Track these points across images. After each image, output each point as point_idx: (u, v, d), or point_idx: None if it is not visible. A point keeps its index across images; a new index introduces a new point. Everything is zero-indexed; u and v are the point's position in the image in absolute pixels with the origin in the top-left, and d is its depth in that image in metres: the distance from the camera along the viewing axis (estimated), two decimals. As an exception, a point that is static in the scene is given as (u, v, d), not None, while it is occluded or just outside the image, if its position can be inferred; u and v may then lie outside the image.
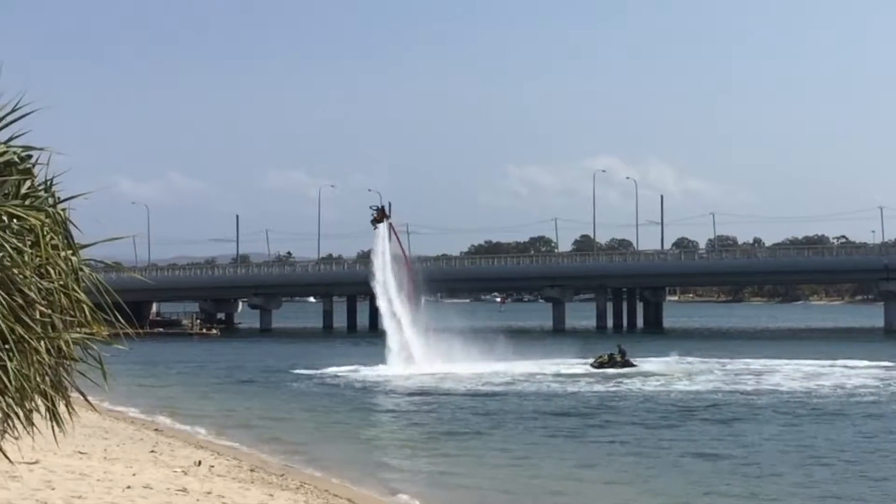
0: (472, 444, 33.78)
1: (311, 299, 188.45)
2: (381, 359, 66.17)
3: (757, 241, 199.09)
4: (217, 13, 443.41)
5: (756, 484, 26.45)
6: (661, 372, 59.35)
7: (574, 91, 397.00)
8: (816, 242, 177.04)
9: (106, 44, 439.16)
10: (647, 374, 58.19)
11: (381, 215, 56.43)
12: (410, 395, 50.33)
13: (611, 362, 61.85)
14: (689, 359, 67.67)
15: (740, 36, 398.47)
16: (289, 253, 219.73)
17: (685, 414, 41.50)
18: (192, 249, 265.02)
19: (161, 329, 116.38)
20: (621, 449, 32.78)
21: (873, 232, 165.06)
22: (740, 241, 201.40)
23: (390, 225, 58.59)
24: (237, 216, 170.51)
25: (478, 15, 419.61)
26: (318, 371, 61.95)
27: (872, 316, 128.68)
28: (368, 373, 59.75)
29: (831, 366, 62.37)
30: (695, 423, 38.96)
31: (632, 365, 61.69)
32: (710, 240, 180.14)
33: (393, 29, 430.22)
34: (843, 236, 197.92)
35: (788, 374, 58.18)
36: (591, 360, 63.04)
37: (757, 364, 63.53)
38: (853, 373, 58.45)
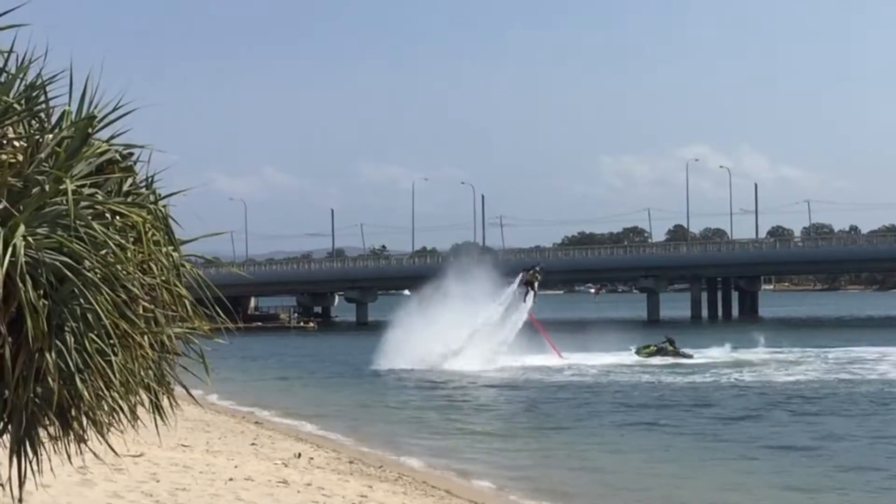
0: (564, 437, 33.70)
1: (406, 292, 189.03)
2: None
3: (853, 228, 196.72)
4: (314, 7, 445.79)
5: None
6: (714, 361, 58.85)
7: (666, 79, 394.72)
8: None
9: (201, 41, 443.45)
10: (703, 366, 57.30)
11: (532, 276, 56.27)
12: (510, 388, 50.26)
13: (661, 353, 61.20)
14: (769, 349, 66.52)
15: (835, 20, 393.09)
16: (383, 246, 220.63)
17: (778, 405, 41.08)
18: (289, 244, 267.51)
19: (259, 323, 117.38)
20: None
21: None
22: (836, 229, 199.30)
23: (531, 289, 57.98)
24: (332, 210, 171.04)
25: (566, 9, 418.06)
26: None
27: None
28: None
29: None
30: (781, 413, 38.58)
31: (686, 356, 60.81)
32: (805, 228, 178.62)
33: (488, 21, 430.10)
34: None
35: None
36: (636, 349, 62.05)
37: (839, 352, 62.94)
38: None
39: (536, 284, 54.52)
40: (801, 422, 36.02)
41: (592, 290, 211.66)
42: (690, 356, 61.07)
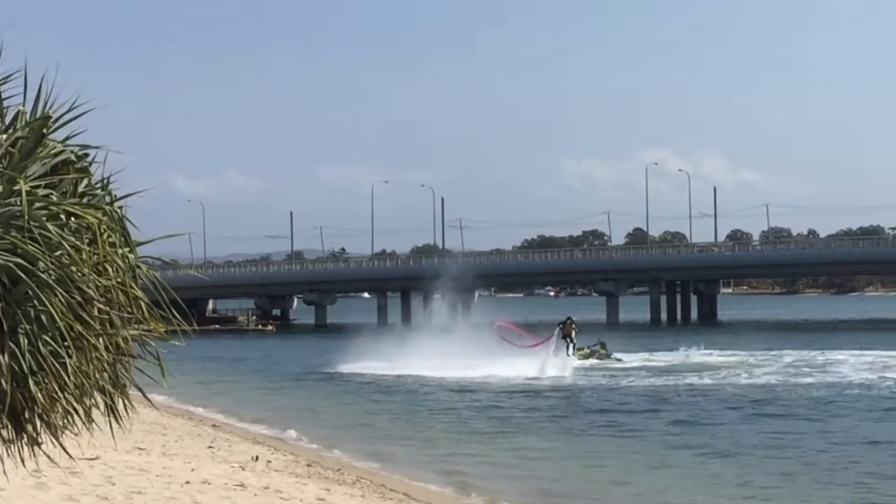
0: (528, 440, 33.73)
1: (366, 295, 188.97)
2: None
3: (812, 232, 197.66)
4: (273, 9, 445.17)
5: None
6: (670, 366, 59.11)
7: (626, 83, 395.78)
8: (872, 233, 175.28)
9: (159, 42, 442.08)
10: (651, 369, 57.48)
11: (569, 329, 56.47)
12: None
13: (593, 355, 61.44)
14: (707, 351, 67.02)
15: (794, 26, 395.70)
16: (343, 249, 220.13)
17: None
18: (247, 246, 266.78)
19: (217, 325, 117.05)
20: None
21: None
22: (794, 233, 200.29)
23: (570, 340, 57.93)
24: (291, 213, 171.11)
25: (530, 12, 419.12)
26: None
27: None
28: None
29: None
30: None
31: (617, 360, 60.99)
32: (763, 231, 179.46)
33: (451, 26, 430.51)
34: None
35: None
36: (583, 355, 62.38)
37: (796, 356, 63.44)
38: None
39: (574, 334, 54.99)
40: (755, 424, 36.13)
41: (552, 293, 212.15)
42: (620, 360, 61.23)
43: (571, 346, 55.37)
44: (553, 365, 55.06)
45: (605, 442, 32.75)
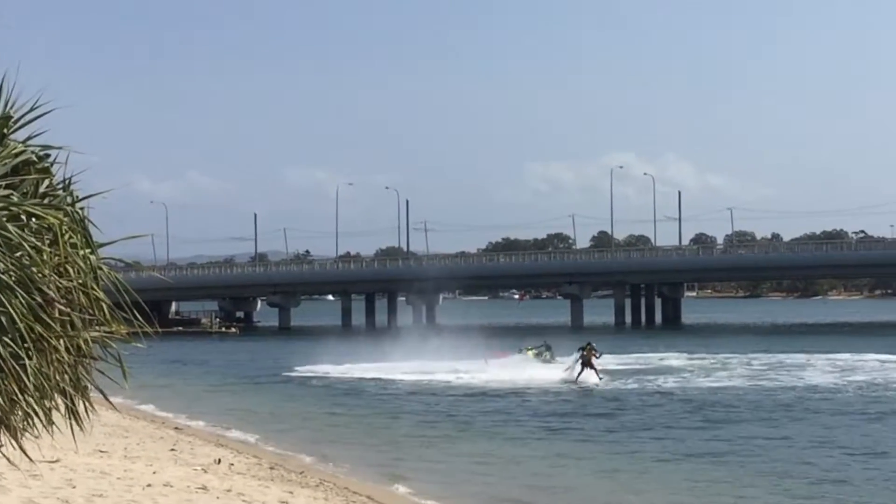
0: (490, 445, 33.72)
1: (330, 297, 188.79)
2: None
3: (775, 236, 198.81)
4: (236, 10, 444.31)
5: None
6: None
7: (591, 87, 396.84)
8: (835, 237, 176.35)
9: (122, 42, 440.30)
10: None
11: (589, 353, 56.61)
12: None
13: (539, 356, 61.49)
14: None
15: (756, 31, 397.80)
16: (307, 251, 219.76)
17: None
18: (211, 248, 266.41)
19: (180, 328, 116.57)
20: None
21: (892, 226, 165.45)
22: (758, 237, 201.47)
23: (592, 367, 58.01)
24: (255, 215, 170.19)
25: (495, 15, 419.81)
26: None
27: (891, 310, 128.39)
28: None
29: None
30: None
31: (558, 363, 61.08)
32: (727, 235, 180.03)
33: (415, 29, 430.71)
34: (862, 231, 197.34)
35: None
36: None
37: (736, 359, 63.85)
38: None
39: (594, 360, 55.13)
40: (716, 427, 36.22)
41: (517, 296, 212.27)
42: (560, 363, 61.18)
43: (594, 371, 55.18)
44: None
45: (560, 446, 32.63)
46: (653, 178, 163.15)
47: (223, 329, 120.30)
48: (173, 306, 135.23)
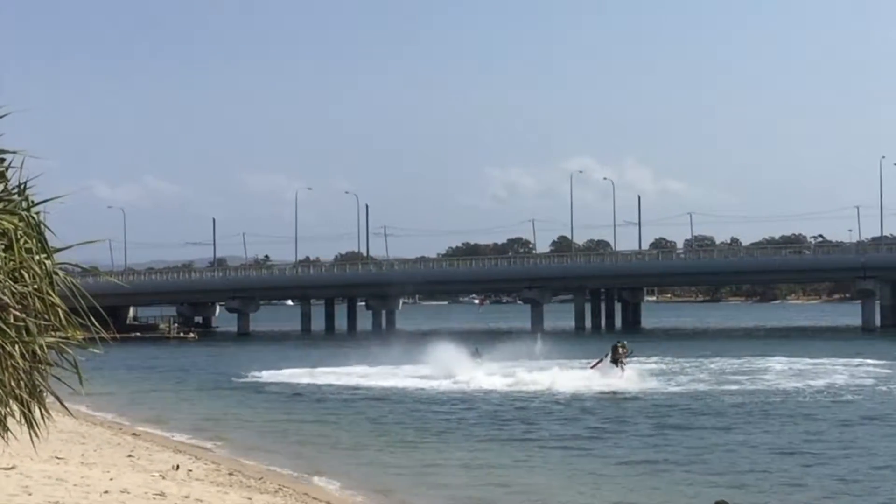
0: (452, 450, 33.69)
1: (289, 302, 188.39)
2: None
3: (734, 240, 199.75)
4: (193, 14, 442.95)
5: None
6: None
7: (550, 92, 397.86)
8: (794, 242, 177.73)
9: (80, 46, 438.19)
10: None
11: (623, 352, 56.61)
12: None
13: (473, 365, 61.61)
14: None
15: (716, 35, 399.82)
16: (266, 256, 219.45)
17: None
18: (169, 253, 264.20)
19: (138, 333, 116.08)
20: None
21: (850, 231, 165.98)
22: (718, 241, 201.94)
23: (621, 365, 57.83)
24: (214, 219, 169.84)
25: (456, 18, 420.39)
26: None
27: (850, 314, 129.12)
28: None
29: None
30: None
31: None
32: (687, 240, 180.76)
33: (372, 32, 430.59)
34: (821, 235, 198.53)
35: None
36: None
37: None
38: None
39: (626, 356, 55.26)
40: (671, 432, 36.25)
41: (477, 301, 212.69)
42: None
43: (622, 369, 55.29)
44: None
45: (514, 452, 32.53)
46: (612, 182, 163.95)
47: (181, 334, 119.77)
48: (131, 312, 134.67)
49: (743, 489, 25.55)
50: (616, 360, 54.71)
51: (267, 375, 62.02)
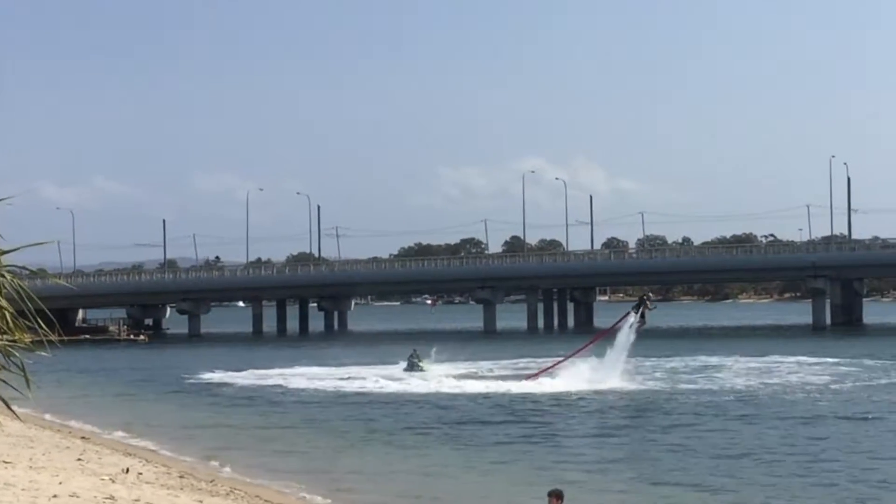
0: (412, 452, 33.55)
1: (241, 304, 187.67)
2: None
3: (686, 240, 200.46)
4: (143, 15, 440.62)
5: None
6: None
7: (502, 91, 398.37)
8: (745, 241, 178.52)
9: (25, 44, 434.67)
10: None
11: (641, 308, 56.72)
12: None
13: (414, 368, 61.56)
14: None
15: (666, 35, 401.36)
16: (217, 258, 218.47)
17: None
18: (119, 255, 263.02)
19: (87, 336, 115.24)
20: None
21: (800, 230, 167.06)
22: (670, 241, 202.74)
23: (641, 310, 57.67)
24: (164, 221, 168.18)
25: (409, 20, 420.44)
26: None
27: (800, 313, 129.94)
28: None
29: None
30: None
31: (421, 370, 61.24)
32: (639, 239, 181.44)
33: (323, 32, 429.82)
34: (772, 235, 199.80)
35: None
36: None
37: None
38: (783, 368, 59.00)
39: (647, 310, 55.66)
40: (620, 433, 36.23)
41: (429, 302, 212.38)
42: (424, 370, 61.08)
43: (642, 317, 55.84)
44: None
45: (456, 454, 32.38)
46: (564, 182, 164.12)
47: (131, 336, 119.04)
48: (80, 314, 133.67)
49: (688, 488, 25.61)
50: (639, 308, 55.50)
51: (217, 377, 61.88)
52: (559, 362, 57.96)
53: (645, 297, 57.79)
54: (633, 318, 56.71)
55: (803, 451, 31.41)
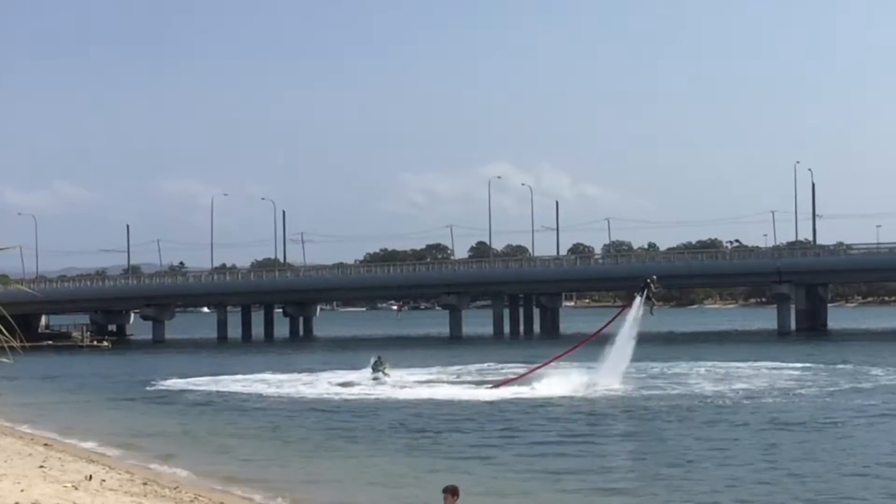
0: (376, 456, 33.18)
1: (205, 309, 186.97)
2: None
3: (652, 245, 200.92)
4: (107, 19, 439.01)
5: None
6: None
7: (468, 97, 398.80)
8: (710, 247, 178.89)
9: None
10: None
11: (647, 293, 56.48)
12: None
13: (376, 374, 60.99)
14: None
15: (630, 41, 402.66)
16: (181, 263, 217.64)
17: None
18: (83, 260, 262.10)
19: (50, 342, 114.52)
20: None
21: (765, 236, 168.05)
22: (635, 246, 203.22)
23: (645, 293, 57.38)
24: (128, 226, 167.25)
25: (373, 24, 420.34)
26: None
27: (766, 319, 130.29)
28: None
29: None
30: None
31: (385, 375, 60.68)
32: (605, 245, 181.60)
33: (287, 36, 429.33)
34: (737, 240, 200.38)
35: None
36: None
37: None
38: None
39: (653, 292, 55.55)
40: (577, 441, 35.84)
41: (395, 307, 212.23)
42: (388, 376, 60.58)
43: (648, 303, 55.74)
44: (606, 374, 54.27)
45: (418, 461, 31.95)
46: (530, 188, 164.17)
47: (95, 343, 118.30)
48: (43, 320, 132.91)
49: (642, 498, 25.37)
50: (644, 293, 55.51)
51: (179, 383, 61.54)
52: (541, 366, 57.78)
53: (649, 281, 57.19)
54: (636, 308, 56.14)
55: (762, 457, 31.00)
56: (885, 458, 30.25)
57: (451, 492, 15.87)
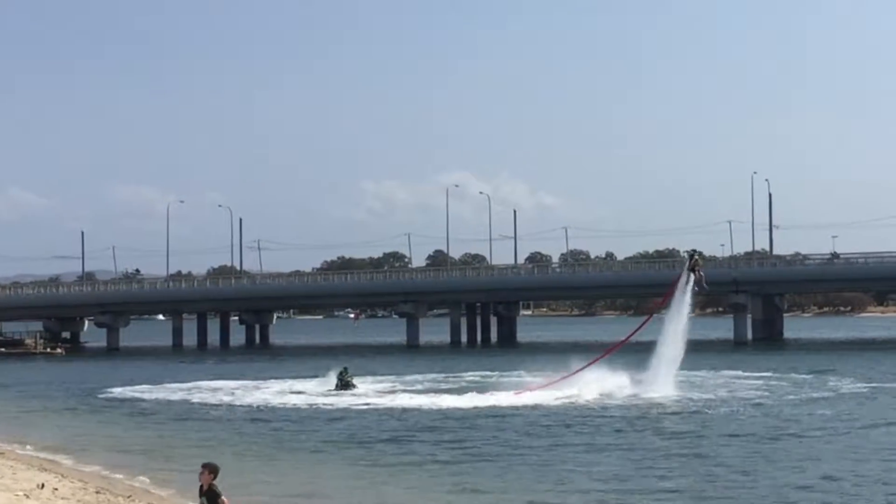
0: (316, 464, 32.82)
1: (160, 317, 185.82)
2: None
3: (609, 255, 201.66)
4: (64, 22, 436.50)
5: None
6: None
7: (426, 105, 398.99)
8: (668, 256, 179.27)
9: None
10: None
11: (692, 264, 55.98)
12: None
13: (343, 384, 60.22)
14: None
15: (585, 50, 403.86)
16: (137, 270, 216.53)
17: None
18: (36, 267, 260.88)
19: (2, 349, 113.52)
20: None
21: (722, 245, 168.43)
22: (593, 256, 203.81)
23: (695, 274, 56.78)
24: (82, 232, 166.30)
25: (332, 32, 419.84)
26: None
27: (722, 328, 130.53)
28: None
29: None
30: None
31: (351, 385, 60.06)
32: (562, 254, 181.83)
33: (247, 42, 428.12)
34: (694, 250, 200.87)
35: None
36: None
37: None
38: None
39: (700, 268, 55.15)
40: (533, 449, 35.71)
41: (352, 316, 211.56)
42: (355, 386, 59.90)
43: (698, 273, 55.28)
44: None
45: (384, 471, 31.61)
46: (488, 196, 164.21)
47: (48, 350, 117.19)
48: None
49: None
50: (693, 268, 55.02)
51: (132, 391, 61.04)
52: (577, 370, 57.79)
53: (695, 254, 56.83)
54: (683, 283, 55.83)
55: (703, 468, 30.73)
56: (832, 471, 29.69)
57: (209, 469, 15.79)
